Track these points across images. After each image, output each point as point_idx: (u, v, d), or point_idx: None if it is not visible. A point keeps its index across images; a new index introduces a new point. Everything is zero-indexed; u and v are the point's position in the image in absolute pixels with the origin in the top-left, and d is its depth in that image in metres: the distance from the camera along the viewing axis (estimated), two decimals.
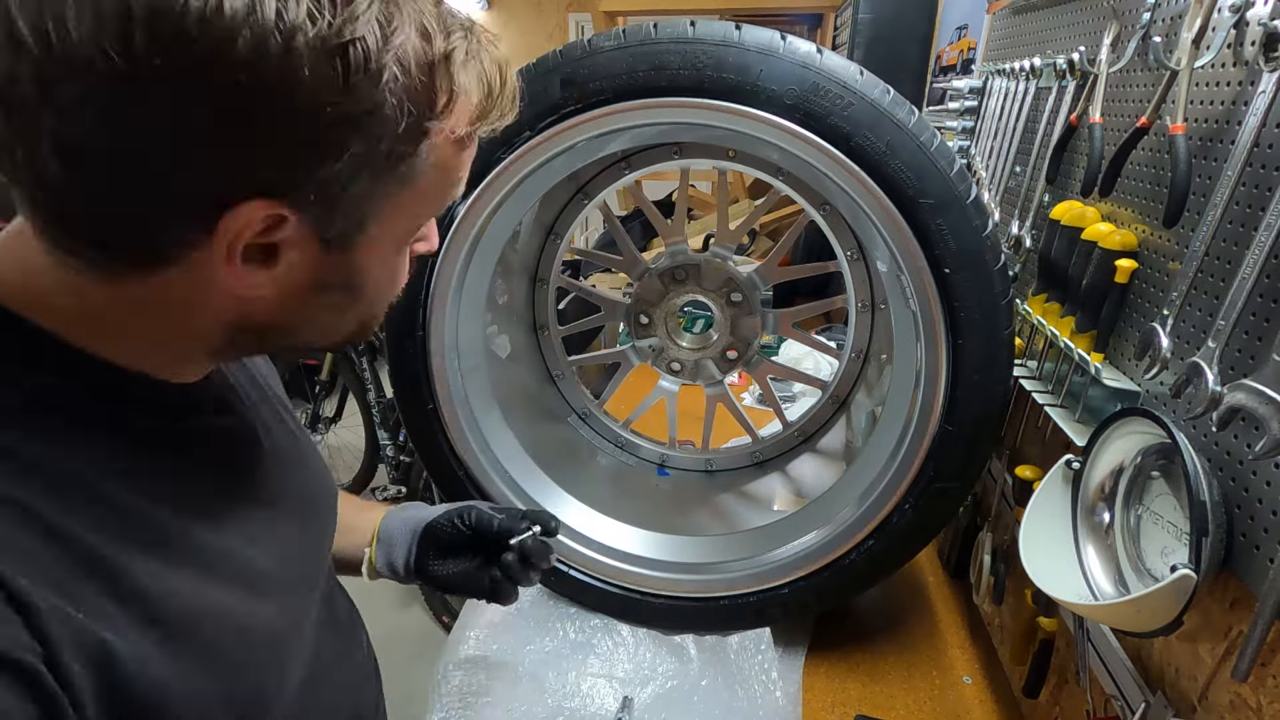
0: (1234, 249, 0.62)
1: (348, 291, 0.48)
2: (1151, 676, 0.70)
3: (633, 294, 1.24)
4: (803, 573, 1.03)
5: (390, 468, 2.84)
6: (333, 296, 0.47)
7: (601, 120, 0.88)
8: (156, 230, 0.40)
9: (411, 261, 0.54)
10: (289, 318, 0.47)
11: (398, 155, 0.43)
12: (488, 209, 0.95)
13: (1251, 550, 0.57)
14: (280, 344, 0.50)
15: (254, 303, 0.45)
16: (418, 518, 0.81)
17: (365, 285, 0.48)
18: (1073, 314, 0.83)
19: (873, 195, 0.83)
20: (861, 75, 0.81)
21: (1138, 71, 0.80)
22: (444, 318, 1.00)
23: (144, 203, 0.38)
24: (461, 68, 0.44)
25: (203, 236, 0.40)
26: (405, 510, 0.82)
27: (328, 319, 0.49)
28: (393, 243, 0.49)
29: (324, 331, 0.50)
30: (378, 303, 0.52)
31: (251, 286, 0.43)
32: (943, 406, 0.88)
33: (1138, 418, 0.68)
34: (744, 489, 1.33)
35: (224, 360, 0.54)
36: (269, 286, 0.44)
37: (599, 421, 1.39)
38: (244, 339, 0.48)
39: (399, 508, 0.83)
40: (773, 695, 0.98)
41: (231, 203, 0.39)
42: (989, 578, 1.03)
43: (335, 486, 0.73)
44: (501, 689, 0.98)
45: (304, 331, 0.49)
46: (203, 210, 0.39)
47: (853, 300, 1.21)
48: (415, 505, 0.83)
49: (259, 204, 0.39)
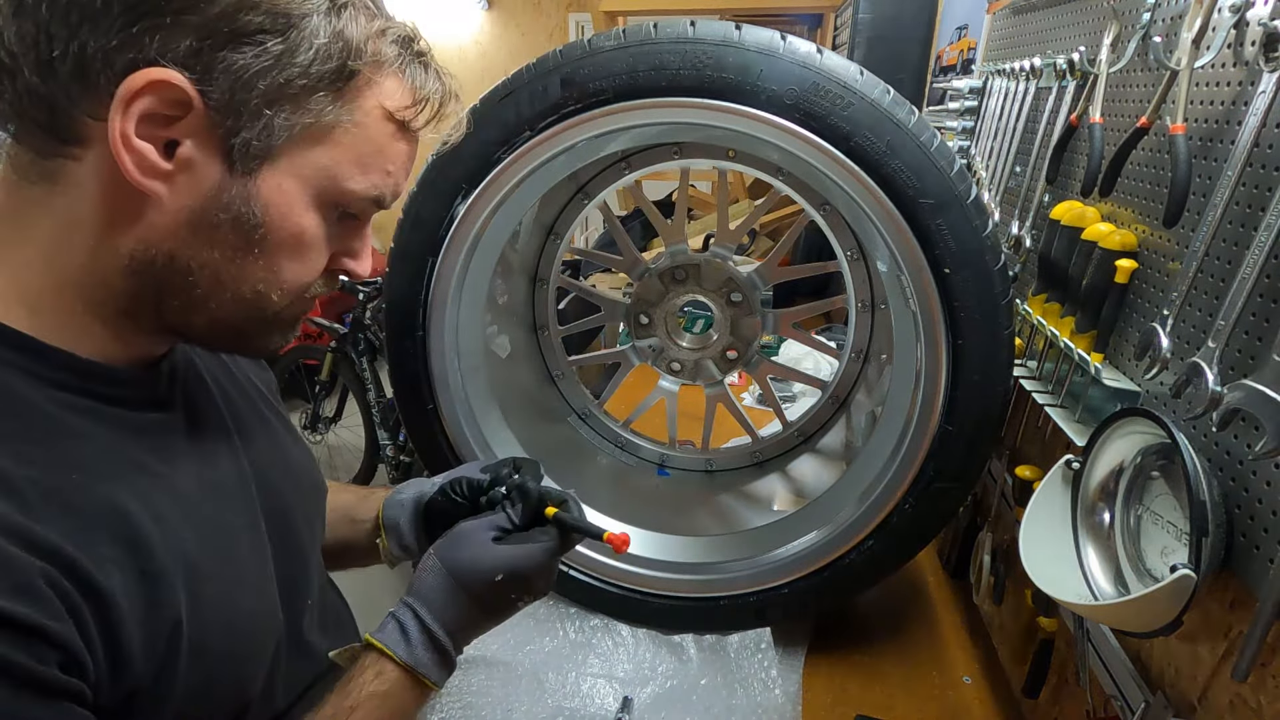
0: (1234, 249, 0.62)
1: (245, 230, 0.47)
2: (1151, 676, 0.70)
3: (633, 294, 1.24)
4: (803, 573, 1.02)
5: (390, 468, 2.84)
6: (230, 236, 0.47)
7: (601, 120, 0.88)
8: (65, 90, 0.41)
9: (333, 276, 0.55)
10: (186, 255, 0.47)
11: (313, 83, 0.45)
12: (488, 209, 0.95)
13: (1251, 550, 0.57)
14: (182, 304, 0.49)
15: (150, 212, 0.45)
16: (416, 497, 0.80)
17: (265, 231, 0.48)
18: (1073, 314, 0.83)
19: (873, 195, 0.83)
20: (861, 75, 0.81)
21: (1138, 71, 0.80)
22: (444, 318, 1.00)
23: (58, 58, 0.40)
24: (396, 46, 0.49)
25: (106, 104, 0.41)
26: (402, 492, 0.81)
27: (225, 272, 0.48)
28: (303, 199, 0.49)
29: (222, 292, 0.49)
30: (278, 272, 0.50)
31: (146, 172, 0.43)
32: (943, 406, 0.88)
33: (1138, 418, 0.68)
34: (744, 489, 1.33)
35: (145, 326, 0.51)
36: (164, 185, 0.44)
37: (599, 421, 1.39)
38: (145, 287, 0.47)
39: (396, 491, 0.82)
40: (772, 695, 0.98)
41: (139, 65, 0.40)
42: (989, 578, 1.03)
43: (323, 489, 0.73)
44: (501, 689, 0.98)
45: (202, 284, 0.48)
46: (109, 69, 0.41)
47: (853, 300, 1.21)
48: (412, 484, 0.82)
49: (164, 70, 0.41)
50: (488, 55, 5.08)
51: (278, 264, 0.50)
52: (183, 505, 0.51)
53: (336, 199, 0.50)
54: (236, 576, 0.54)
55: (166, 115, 0.42)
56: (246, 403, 0.65)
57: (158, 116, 0.42)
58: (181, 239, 0.46)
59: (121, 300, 0.48)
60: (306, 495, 0.69)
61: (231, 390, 0.63)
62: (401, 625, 0.64)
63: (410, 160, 0.54)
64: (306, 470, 0.70)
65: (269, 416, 0.67)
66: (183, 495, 0.51)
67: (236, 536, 0.56)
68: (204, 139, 0.44)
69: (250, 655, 0.54)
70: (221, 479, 0.56)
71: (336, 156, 0.49)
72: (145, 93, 0.41)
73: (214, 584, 0.51)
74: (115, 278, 0.47)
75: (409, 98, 0.51)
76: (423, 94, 0.52)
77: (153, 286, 0.48)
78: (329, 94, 0.46)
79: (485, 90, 0.90)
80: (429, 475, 0.89)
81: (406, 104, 0.51)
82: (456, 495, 0.77)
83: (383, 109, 0.49)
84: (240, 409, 0.63)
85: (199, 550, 0.50)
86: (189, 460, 0.54)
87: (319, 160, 0.48)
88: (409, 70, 0.51)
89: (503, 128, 0.89)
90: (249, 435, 0.62)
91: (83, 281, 0.46)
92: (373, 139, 0.49)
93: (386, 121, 0.50)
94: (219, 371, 0.63)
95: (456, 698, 0.96)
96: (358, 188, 0.50)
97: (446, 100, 0.54)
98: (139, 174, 0.43)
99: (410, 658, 0.62)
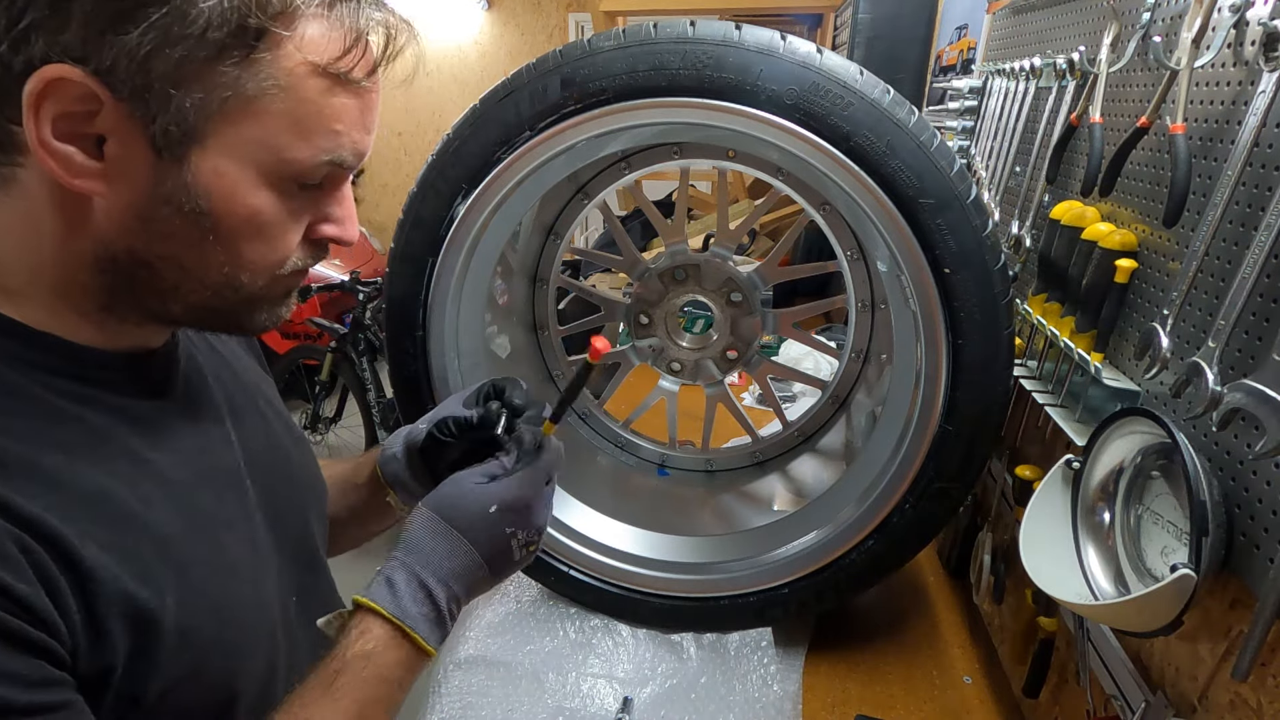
0: (1234, 249, 0.62)
1: (194, 219, 0.45)
2: (1151, 676, 0.70)
3: (633, 294, 1.24)
4: (803, 573, 1.03)
5: None
6: (180, 224, 0.45)
7: (601, 120, 0.88)
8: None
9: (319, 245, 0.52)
10: (142, 247, 0.45)
11: (217, 45, 0.41)
12: (488, 209, 0.95)
13: (1251, 550, 0.57)
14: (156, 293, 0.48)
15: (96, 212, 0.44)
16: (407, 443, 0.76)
17: (217, 218, 0.45)
18: (1073, 314, 0.83)
19: (873, 195, 0.83)
20: (861, 75, 0.81)
21: (1138, 71, 0.80)
22: (444, 318, 1.00)
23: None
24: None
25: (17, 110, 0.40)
26: (391, 446, 0.77)
27: (185, 260, 0.47)
28: (245, 175, 0.45)
29: (188, 280, 0.48)
30: (240, 253, 0.48)
31: (77, 174, 0.42)
32: (943, 406, 0.88)
33: (1138, 417, 0.68)
34: (744, 489, 1.33)
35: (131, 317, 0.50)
36: (100, 184, 0.43)
37: (599, 421, 1.39)
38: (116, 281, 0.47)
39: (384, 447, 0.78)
40: (772, 694, 0.98)
41: (35, 65, 0.39)
42: (989, 578, 1.03)
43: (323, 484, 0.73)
44: (501, 689, 0.98)
45: (167, 275, 0.47)
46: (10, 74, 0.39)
47: (853, 300, 1.21)
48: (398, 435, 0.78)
49: (60, 67, 0.39)
50: (488, 55, 5.08)
51: (237, 248, 0.47)
52: (171, 492, 0.50)
53: (284, 172, 0.46)
54: (227, 565, 0.53)
55: (81, 112, 0.40)
56: (245, 397, 0.64)
57: (73, 115, 0.40)
58: (136, 234, 0.45)
59: (98, 295, 0.47)
60: (305, 488, 0.69)
61: (231, 384, 0.63)
62: (389, 579, 0.58)
63: (365, 112, 0.48)
64: (305, 464, 0.70)
65: (266, 411, 0.67)
66: (172, 482, 0.51)
67: (229, 526, 0.55)
68: (126, 131, 0.42)
69: (240, 644, 0.53)
70: (215, 469, 0.56)
71: (269, 127, 0.44)
72: (48, 94, 0.39)
73: (201, 570, 0.50)
74: (84, 275, 0.46)
75: (339, 44, 0.44)
76: (356, 35, 0.45)
77: (123, 281, 0.47)
78: (238, 61, 0.42)
79: (485, 90, 0.90)
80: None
81: (336, 53, 0.44)
82: (446, 436, 0.73)
83: (309, 64, 0.44)
84: (239, 403, 0.62)
85: (187, 537, 0.50)
86: (182, 449, 0.53)
87: (251, 135, 0.44)
88: (335, 9, 0.44)
89: (503, 128, 0.89)
90: (247, 429, 0.62)
91: (56, 279, 0.46)
92: (307, 99, 0.44)
93: (317, 77, 0.44)
94: (219, 365, 0.63)
95: (457, 698, 0.96)
96: (303, 155, 0.46)
97: (394, 35, 0.48)
98: (69, 176, 0.41)
99: (397, 609, 0.56)
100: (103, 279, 0.47)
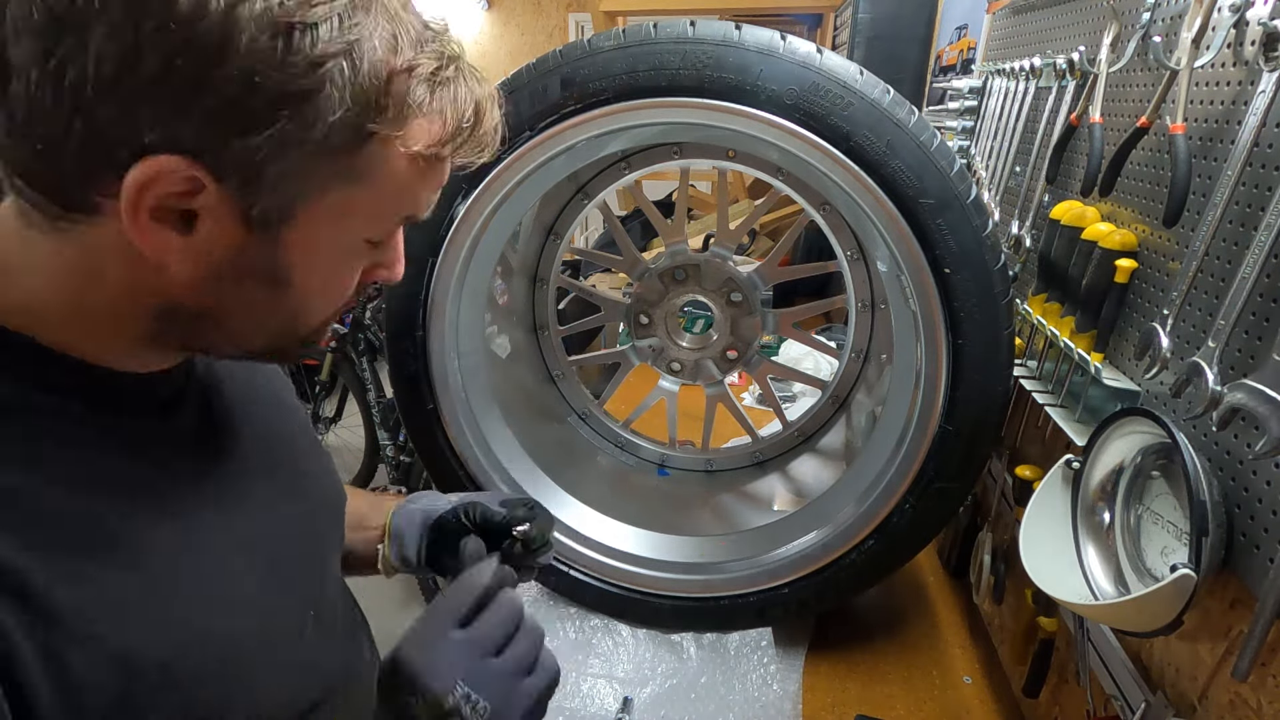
0: (1234, 249, 0.62)
1: (273, 285, 0.46)
2: (1151, 676, 0.70)
3: (633, 294, 1.24)
4: (803, 573, 1.03)
5: (390, 468, 2.84)
6: (257, 287, 0.46)
7: (601, 120, 0.88)
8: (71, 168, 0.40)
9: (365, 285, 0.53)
10: (212, 303, 0.46)
11: (332, 148, 0.42)
12: (488, 209, 0.95)
13: (1251, 550, 0.57)
14: (210, 338, 0.49)
15: (172, 275, 0.43)
16: (428, 511, 0.79)
17: (293, 281, 0.46)
18: (1073, 314, 0.82)
19: (873, 195, 0.83)
20: (861, 75, 0.81)
21: (1138, 71, 0.80)
22: (444, 318, 1.00)
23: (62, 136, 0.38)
24: (424, 85, 0.44)
25: (115, 184, 0.39)
26: (414, 503, 0.80)
27: (253, 313, 0.48)
28: (330, 245, 0.47)
29: (250, 328, 0.49)
30: (308, 307, 0.49)
31: (163, 250, 0.42)
32: (943, 406, 0.88)
33: (1138, 417, 0.68)
34: (744, 489, 1.33)
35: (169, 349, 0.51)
36: (184, 256, 0.42)
37: (599, 421, 1.39)
38: (173, 326, 0.46)
39: (409, 500, 0.81)
40: (772, 694, 0.98)
41: (144, 153, 0.38)
42: (989, 578, 1.03)
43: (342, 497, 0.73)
44: None
45: (230, 324, 0.48)
46: (114, 155, 0.39)
47: (853, 300, 1.21)
48: (426, 496, 0.81)
49: (173, 159, 0.39)
50: (488, 55, 5.08)
51: (308, 302, 0.49)
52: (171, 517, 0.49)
53: (368, 237, 0.48)
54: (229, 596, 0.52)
55: (179, 193, 0.40)
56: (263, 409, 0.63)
57: (171, 195, 0.40)
58: (209, 294, 0.45)
59: (146, 334, 0.47)
60: (324, 506, 0.68)
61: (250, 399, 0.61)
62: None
63: (444, 175, 0.50)
64: (323, 478, 0.69)
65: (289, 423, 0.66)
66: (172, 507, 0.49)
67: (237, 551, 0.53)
68: (221, 210, 0.42)
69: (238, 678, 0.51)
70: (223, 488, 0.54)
71: (364, 203, 0.46)
72: (154, 183, 0.39)
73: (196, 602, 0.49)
74: (141, 322, 0.46)
75: (439, 131, 0.45)
76: (457, 126, 0.46)
77: (181, 326, 0.47)
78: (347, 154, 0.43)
79: None
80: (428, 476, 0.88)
81: (436, 140, 0.45)
82: (468, 520, 0.76)
83: (410, 154, 0.45)
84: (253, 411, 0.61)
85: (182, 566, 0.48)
86: (191, 471, 0.52)
87: (344, 210, 0.45)
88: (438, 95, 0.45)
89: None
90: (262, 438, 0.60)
91: (102, 319, 0.45)
92: (402, 181, 0.46)
93: (416, 163, 0.45)
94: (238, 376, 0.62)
95: None
96: (389, 225, 0.49)
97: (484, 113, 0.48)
98: (157, 253, 0.42)
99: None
100: (159, 325, 0.46)
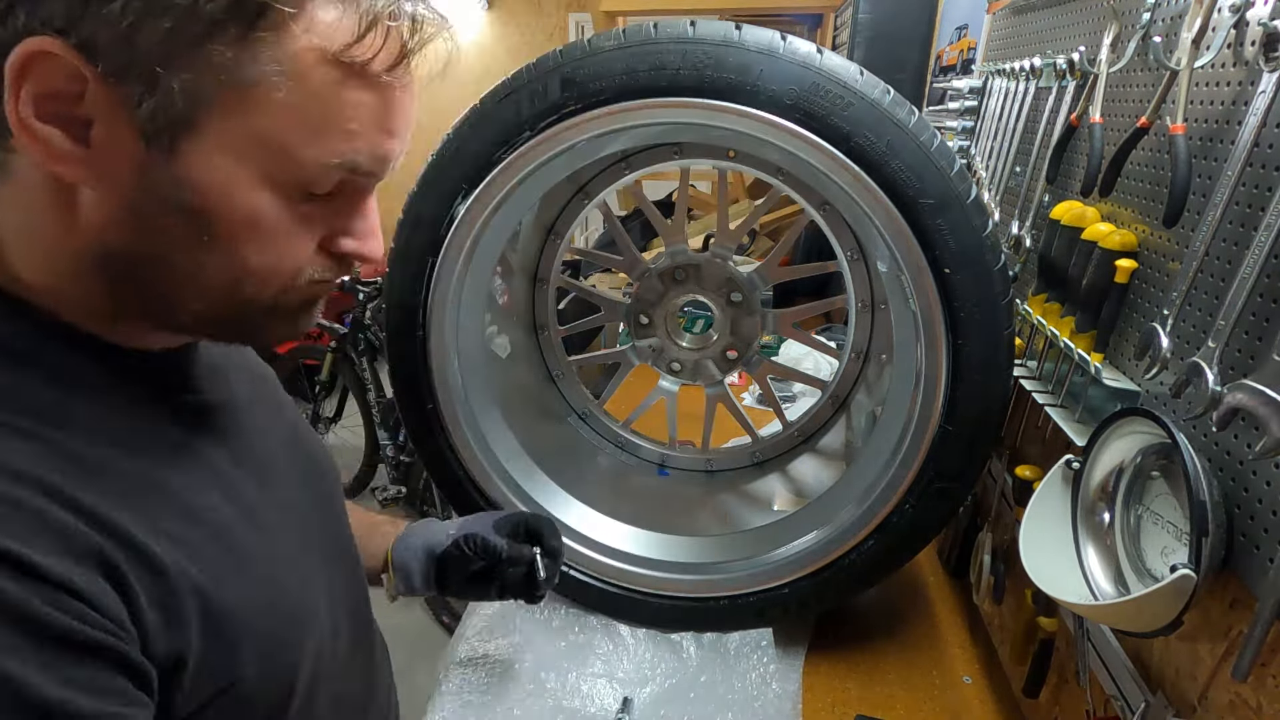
0: (1234, 249, 0.62)
1: (187, 217, 0.41)
2: (1151, 676, 0.70)
3: (633, 294, 1.24)
4: (803, 573, 1.03)
5: (390, 468, 2.84)
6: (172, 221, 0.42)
7: (601, 120, 0.88)
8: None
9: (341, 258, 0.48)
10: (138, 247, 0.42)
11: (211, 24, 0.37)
12: (488, 209, 0.95)
13: (1251, 550, 0.57)
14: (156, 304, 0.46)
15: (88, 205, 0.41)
16: (429, 544, 0.83)
17: (211, 217, 0.42)
18: (1073, 314, 0.82)
19: (873, 195, 0.83)
20: (861, 75, 0.81)
21: (1138, 71, 0.80)
22: (444, 318, 1.00)
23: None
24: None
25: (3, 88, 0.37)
26: (412, 536, 0.83)
27: (180, 258, 0.43)
28: (243, 173, 0.41)
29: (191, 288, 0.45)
30: (247, 264, 0.44)
31: (61, 161, 0.39)
32: (943, 406, 0.88)
33: (1138, 418, 0.68)
34: (744, 489, 1.33)
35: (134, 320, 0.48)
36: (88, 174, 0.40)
37: (599, 421, 1.39)
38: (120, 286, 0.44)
39: (406, 533, 0.84)
40: (771, 694, 0.98)
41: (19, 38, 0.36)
42: (989, 578, 1.03)
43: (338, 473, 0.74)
44: (501, 689, 0.98)
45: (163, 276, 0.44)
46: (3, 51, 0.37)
47: (853, 300, 1.21)
48: (423, 526, 0.84)
49: (45, 40, 0.36)
50: (488, 55, 5.07)
51: (238, 252, 0.43)
52: (222, 485, 0.50)
53: (289, 173, 0.42)
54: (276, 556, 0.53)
55: (66, 92, 0.37)
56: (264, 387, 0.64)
57: (58, 94, 0.37)
58: (128, 230, 0.42)
59: (105, 299, 0.45)
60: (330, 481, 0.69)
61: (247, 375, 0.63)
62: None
63: (387, 111, 0.43)
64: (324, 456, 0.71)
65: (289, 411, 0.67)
66: (220, 473, 0.50)
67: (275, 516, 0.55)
68: (112, 115, 0.38)
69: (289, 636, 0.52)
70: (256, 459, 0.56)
71: (271, 121, 0.40)
72: (29, 69, 0.36)
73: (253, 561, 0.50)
74: (89, 277, 0.44)
75: (352, 29, 0.39)
76: (372, 20, 0.40)
77: (124, 285, 0.44)
78: (235, 40, 0.37)
79: (485, 90, 0.90)
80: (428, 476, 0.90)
81: (349, 39, 0.39)
82: (469, 550, 0.80)
83: (317, 50, 0.39)
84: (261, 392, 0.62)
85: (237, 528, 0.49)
86: (225, 443, 0.53)
87: (249, 127, 0.40)
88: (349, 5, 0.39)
89: (503, 128, 0.89)
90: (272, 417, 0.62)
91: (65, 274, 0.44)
92: (315, 92, 0.40)
93: (328, 66, 0.39)
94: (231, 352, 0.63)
95: (457, 698, 0.96)
96: (310, 156, 0.41)
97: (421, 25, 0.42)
98: (51, 161, 0.38)
99: None
100: (104, 280, 0.44)
